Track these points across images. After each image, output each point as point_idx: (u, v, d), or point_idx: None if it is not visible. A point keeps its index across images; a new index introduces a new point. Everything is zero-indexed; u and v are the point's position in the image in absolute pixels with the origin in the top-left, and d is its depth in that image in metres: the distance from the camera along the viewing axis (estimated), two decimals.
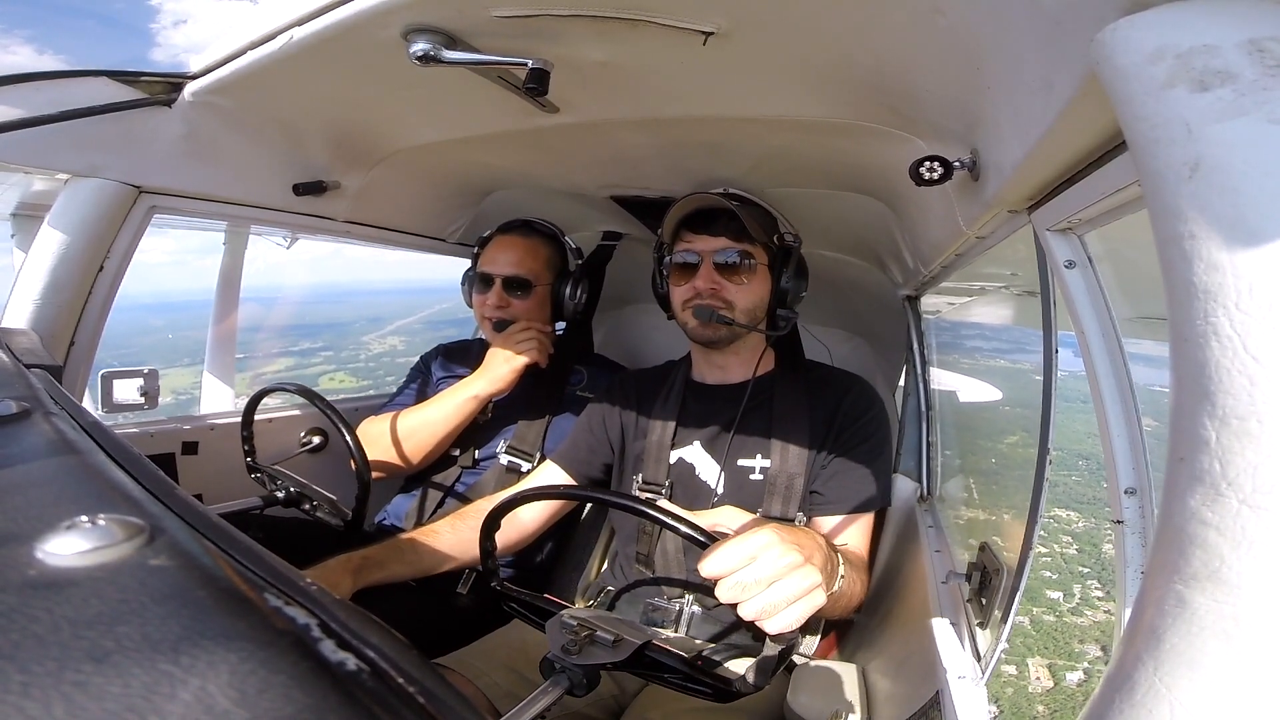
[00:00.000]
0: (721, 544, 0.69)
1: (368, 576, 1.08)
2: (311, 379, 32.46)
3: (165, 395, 1.44)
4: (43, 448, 0.42)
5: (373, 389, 15.93)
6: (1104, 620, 16.19)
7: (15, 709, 0.19)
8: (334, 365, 33.32)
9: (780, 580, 0.69)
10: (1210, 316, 0.31)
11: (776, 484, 1.16)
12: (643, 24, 0.74)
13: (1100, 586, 17.17)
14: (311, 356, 33.99)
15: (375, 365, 33.42)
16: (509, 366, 1.45)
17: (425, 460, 1.49)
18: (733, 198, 1.19)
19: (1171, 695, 0.31)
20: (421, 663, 0.26)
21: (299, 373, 33.40)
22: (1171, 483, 0.33)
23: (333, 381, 32.18)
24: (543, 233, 1.59)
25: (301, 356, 34.11)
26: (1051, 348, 0.85)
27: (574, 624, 0.74)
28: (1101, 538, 17.10)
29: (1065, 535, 18.65)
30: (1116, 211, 0.61)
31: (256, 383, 10.28)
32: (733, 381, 1.27)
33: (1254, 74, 0.33)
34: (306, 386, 1.29)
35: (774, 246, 1.22)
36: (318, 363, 33.82)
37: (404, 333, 29.30)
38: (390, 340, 29.57)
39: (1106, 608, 16.40)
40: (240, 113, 1.16)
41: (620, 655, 0.71)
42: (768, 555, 0.69)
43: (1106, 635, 15.56)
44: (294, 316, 47.69)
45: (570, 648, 0.71)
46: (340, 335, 33.32)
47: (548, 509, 1.28)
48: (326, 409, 1.22)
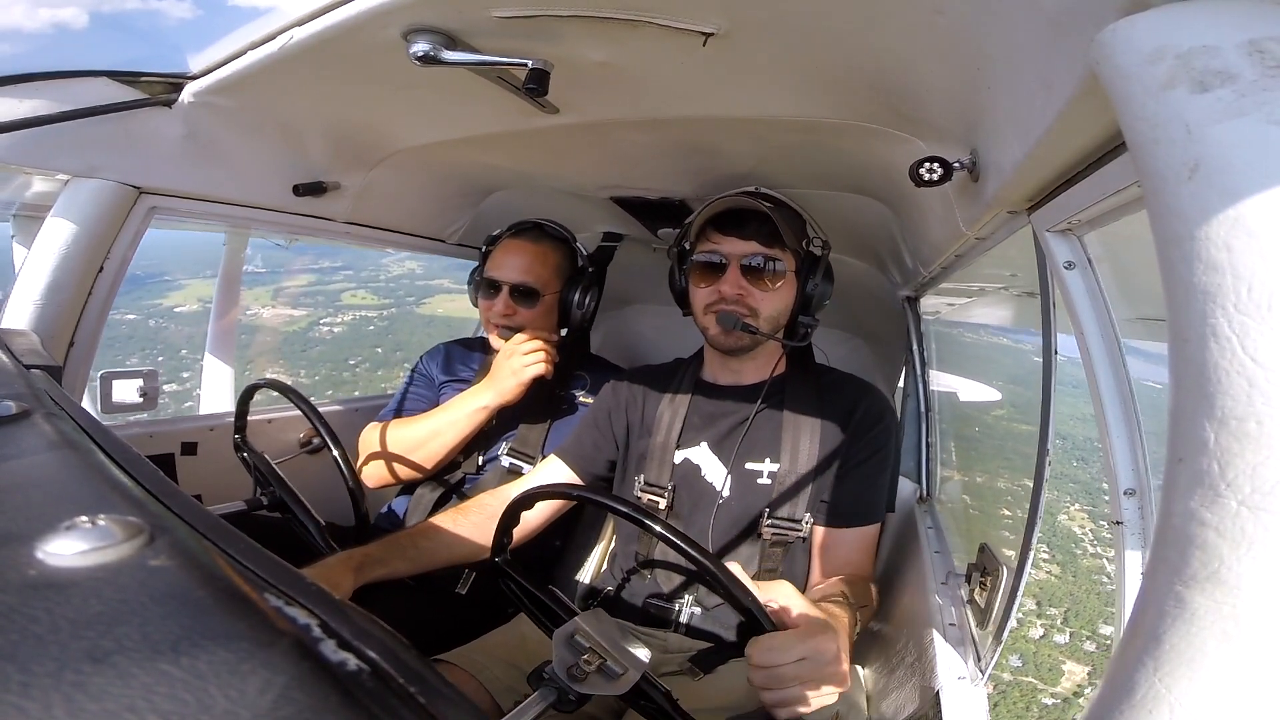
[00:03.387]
0: (782, 636, 0.71)
1: (369, 574, 1.07)
2: (334, 295, 32.74)
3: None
4: (43, 448, 0.42)
5: (341, 327, 15.56)
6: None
7: (15, 709, 0.19)
8: (355, 284, 33.63)
9: (813, 682, 0.70)
10: (1209, 317, 0.31)
11: (784, 486, 1.15)
12: (643, 25, 0.74)
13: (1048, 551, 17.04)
14: (332, 275, 34.30)
15: (395, 286, 33.68)
16: (516, 380, 1.42)
17: (436, 468, 1.48)
18: (764, 198, 1.15)
19: (1171, 695, 0.31)
20: (422, 663, 0.26)
21: (321, 289, 33.80)
22: (1170, 484, 0.33)
23: (355, 298, 32.58)
24: (554, 237, 1.55)
25: (322, 274, 34.53)
26: (1051, 348, 0.85)
27: (585, 646, 0.72)
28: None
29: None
30: (1116, 212, 0.61)
31: (281, 296, 10.17)
32: (745, 383, 1.25)
33: (1254, 74, 0.33)
34: (305, 397, 1.25)
35: (802, 252, 1.19)
36: (339, 280, 34.21)
37: (420, 257, 29.84)
38: (408, 264, 29.79)
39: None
40: (240, 113, 1.16)
41: (621, 689, 0.69)
42: (817, 659, 0.70)
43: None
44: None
45: (576, 674, 0.69)
46: (358, 256, 33.64)
47: (549, 510, 1.27)
48: (315, 418, 1.17)
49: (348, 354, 28.44)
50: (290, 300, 32.14)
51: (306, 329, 30.29)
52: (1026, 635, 14.79)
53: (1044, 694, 13.80)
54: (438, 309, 30.94)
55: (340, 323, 31.15)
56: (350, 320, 31.38)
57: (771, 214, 1.10)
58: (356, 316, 31.71)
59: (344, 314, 31.45)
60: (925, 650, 0.93)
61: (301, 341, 29.51)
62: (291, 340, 29.59)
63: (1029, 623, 14.99)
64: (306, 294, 33.29)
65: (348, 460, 1.16)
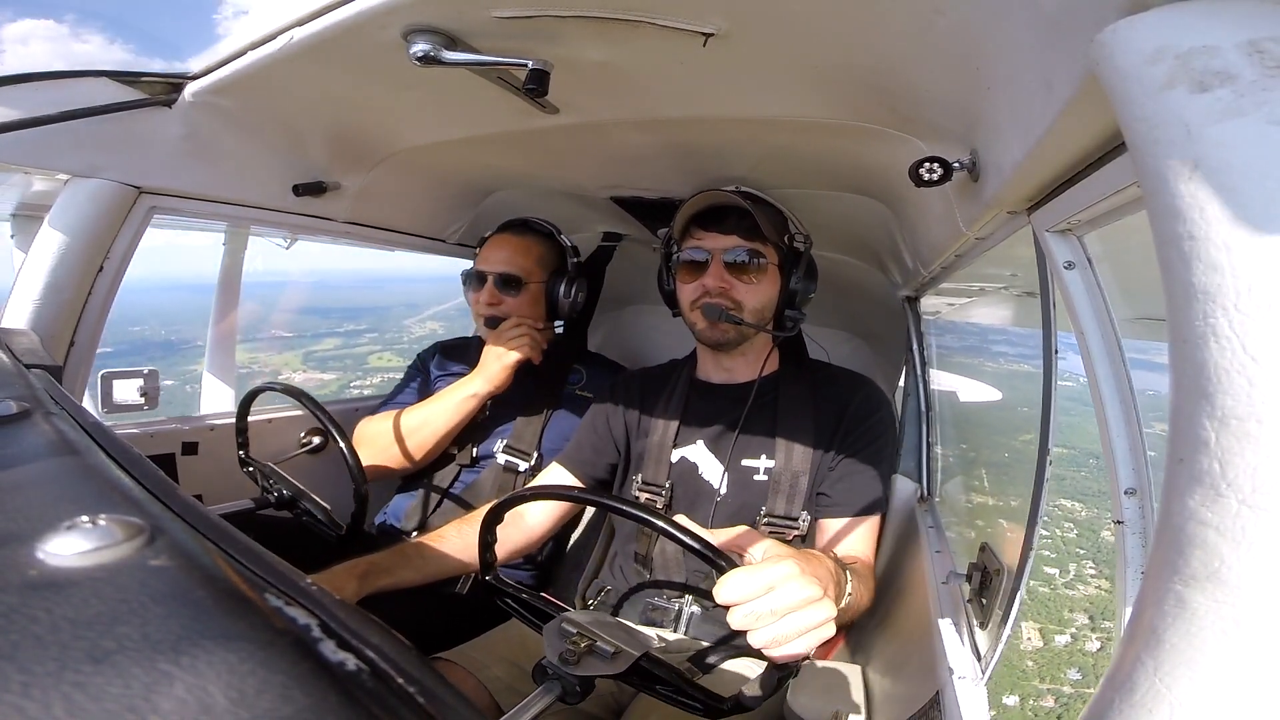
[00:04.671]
0: (740, 571, 0.68)
1: (374, 583, 1.07)
2: (361, 358, 33.34)
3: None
4: (43, 448, 0.42)
5: (371, 389, 15.77)
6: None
7: (15, 709, 0.19)
8: (380, 346, 34.52)
9: (794, 612, 0.67)
10: (1209, 317, 0.31)
11: (781, 483, 1.15)
12: (643, 25, 0.74)
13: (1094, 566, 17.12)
14: (358, 337, 35.25)
15: (418, 346, 34.77)
16: (501, 364, 1.45)
17: (426, 459, 1.49)
18: (745, 196, 1.18)
19: (1171, 695, 0.31)
20: (422, 663, 0.26)
21: (348, 351, 34.63)
22: (1171, 483, 0.33)
23: (381, 360, 33.50)
24: (538, 231, 1.59)
25: (348, 337, 35.39)
26: (1051, 348, 0.84)
27: (573, 631, 0.72)
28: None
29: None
30: (1116, 212, 0.61)
31: (310, 360, 10.32)
32: (738, 381, 1.27)
33: (1253, 75, 0.33)
34: (301, 389, 1.27)
35: (784, 246, 1.21)
36: (364, 344, 35.07)
37: (442, 318, 30.11)
38: (430, 324, 30.49)
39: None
40: (240, 113, 1.16)
41: (618, 668, 0.69)
42: (787, 587, 0.67)
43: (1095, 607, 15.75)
44: (335, 300, 49.34)
45: (568, 658, 0.69)
46: (382, 319, 34.17)
47: (554, 514, 1.28)
48: (321, 414, 1.20)
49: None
50: (319, 365, 32.74)
51: (339, 391, 30.82)
52: (1083, 649, 14.72)
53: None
54: None
55: (369, 385, 31.52)
56: (378, 382, 31.72)
57: (751, 209, 1.12)
58: (384, 379, 32.06)
59: (372, 376, 32.07)
60: (926, 649, 0.93)
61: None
62: (325, 403, 30.47)
63: (1084, 637, 14.89)
64: (335, 357, 34.00)
65: (354, 454, 1.17)
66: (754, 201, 1.17)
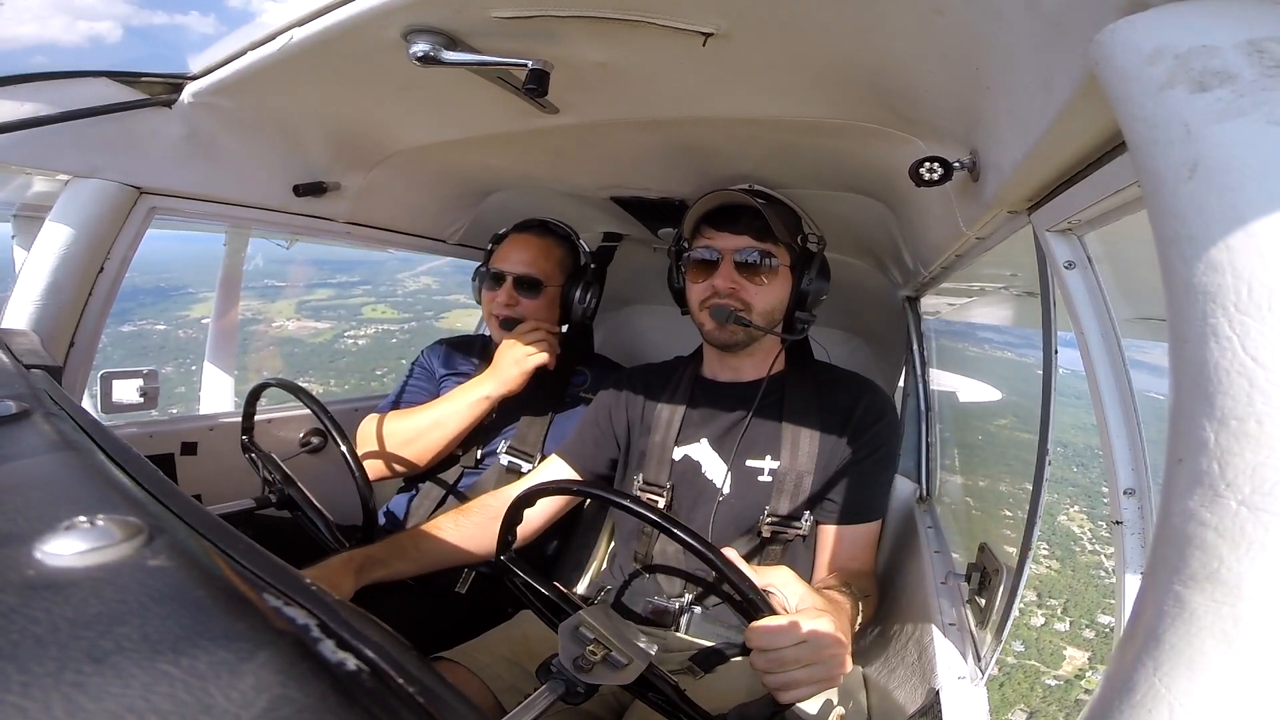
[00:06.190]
0: (776, 620, 0.70)
1: (370, 575, 1.07)
2: (355, 309, 33.27)
3: None
4: (42, 448, 0.42)
5: (366, 340, 15.73)
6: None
7: (15, 709, 0.19)
8: (374, 298, 34.51)
9: (815, 665, 0.70)
10: (1209, 317, 0.31)
11: (786, 483, 1.15)
12: (642, 25, 0.74)
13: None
14: (351, 289, 35.27)
15: (413, 300, 34.59)
16: (519, 369, 1.44)
17: (434, 460, 1.48)
18: (758, 195, 1.16)
19: (1171, 696, 0.31)
20: (421, 663, 0.26)
21: (341, 302, 34.51)
22: (1170, 484, 0.33)
23: (375, 312, 33.32)
24: (557, 233, 1.58)
25: (340, 289, 35.41)
26: (1051, 348, 0.85)
27: (590, 638, 0.72)
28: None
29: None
30: (1116, 212, 0.61)
31: (303, 309, 10.32)
32: (745, 380, 1.26)
33: (1253, 74, 0.33)
34: (310, 393, 1.26)
35: (797, 247, 1.19)
36: (358, 295, 35.05)
37: (435, 274, 29.92)
38: (424, 279, 30.31)
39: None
40: (240, 113, 1.16)
41: (628, 679, 0.70)
42: (817, 643, 0.70)
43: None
44: (326, 252, 49.72)
45: (583, 664, 0.70)
46: (374, 272, 34.27)
47: (551, 506, 1.27)
48: (324, 417, 1.19)
49: (374, 364, 29.01)
50: (313, 314, 32.59)
51: (332, 340, 30.92)
52: (1029, 624, 15.07)
53: (1047, 675, 14.16)
54: (456, 323, 31.62)
55: (364, 335, 31.68)
56: (373, 333, 31.90)
57: (763, 209, 1.11)
58: (379, 330, 32.17)
59: (366, 327, 31.97)
60: (926, 649, 0.93)
61: (329, 353, 30.21)
62: (319, 351, 30.25)
63: (1030, 612, 15.26)
64: (328, 307, 33.78)
65: (356, 458, 1.16)
66: (767, 201, 1.16)
